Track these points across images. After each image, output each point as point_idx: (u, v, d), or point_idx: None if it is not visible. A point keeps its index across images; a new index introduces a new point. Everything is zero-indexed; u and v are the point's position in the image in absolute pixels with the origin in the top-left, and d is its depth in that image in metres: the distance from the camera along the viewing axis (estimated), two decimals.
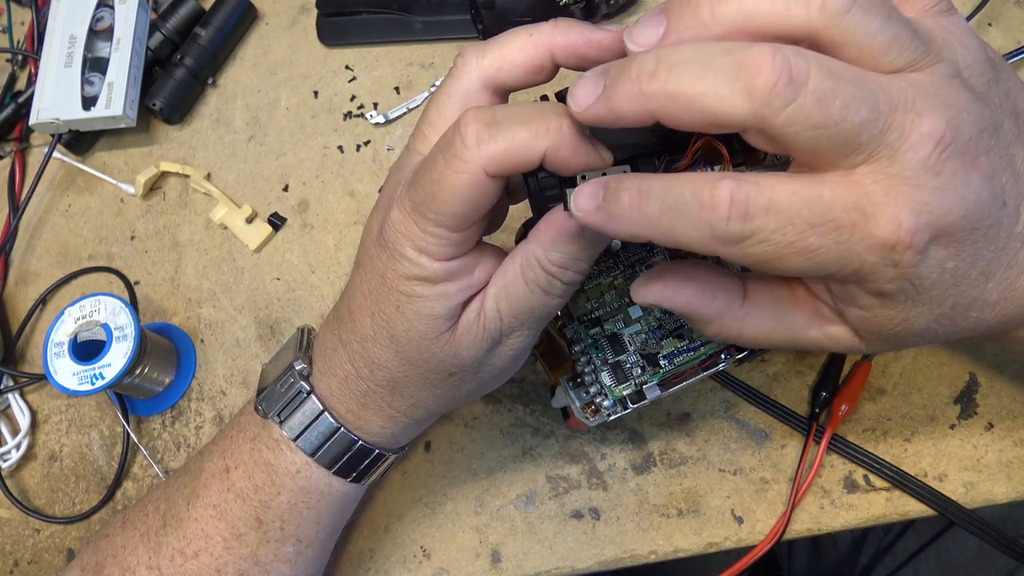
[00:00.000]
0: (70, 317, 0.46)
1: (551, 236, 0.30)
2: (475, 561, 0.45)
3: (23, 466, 0.50)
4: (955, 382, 0.45)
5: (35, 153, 0.57)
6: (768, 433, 0.45)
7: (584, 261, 0.30)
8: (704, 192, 0.24)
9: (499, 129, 0.27)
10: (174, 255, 0.53)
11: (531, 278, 0.31)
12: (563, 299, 0.32)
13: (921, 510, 0.43)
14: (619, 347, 0.38)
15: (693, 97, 0.23)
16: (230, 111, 0.56)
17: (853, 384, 0.44)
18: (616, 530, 0.44)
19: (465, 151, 0.27)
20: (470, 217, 0.29)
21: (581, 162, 0.28)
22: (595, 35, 0.29)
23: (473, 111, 0.28)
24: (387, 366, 0.34)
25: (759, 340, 0.30)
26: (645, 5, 0.54)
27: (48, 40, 0.54)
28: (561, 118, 0.27)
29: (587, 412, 0.39)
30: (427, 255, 0.30)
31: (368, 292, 0.33)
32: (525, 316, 0.32)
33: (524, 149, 0.27)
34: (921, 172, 0.24)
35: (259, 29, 0.58)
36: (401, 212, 0.30)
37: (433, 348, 0.32)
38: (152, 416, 0.50)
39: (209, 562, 0.37)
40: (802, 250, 0.24)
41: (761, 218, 0.24)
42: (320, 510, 0.38)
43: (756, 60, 0.23)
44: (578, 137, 0.28)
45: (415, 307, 0.31)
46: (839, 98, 0.23)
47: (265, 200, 0.54)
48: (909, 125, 0.23)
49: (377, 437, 0.37)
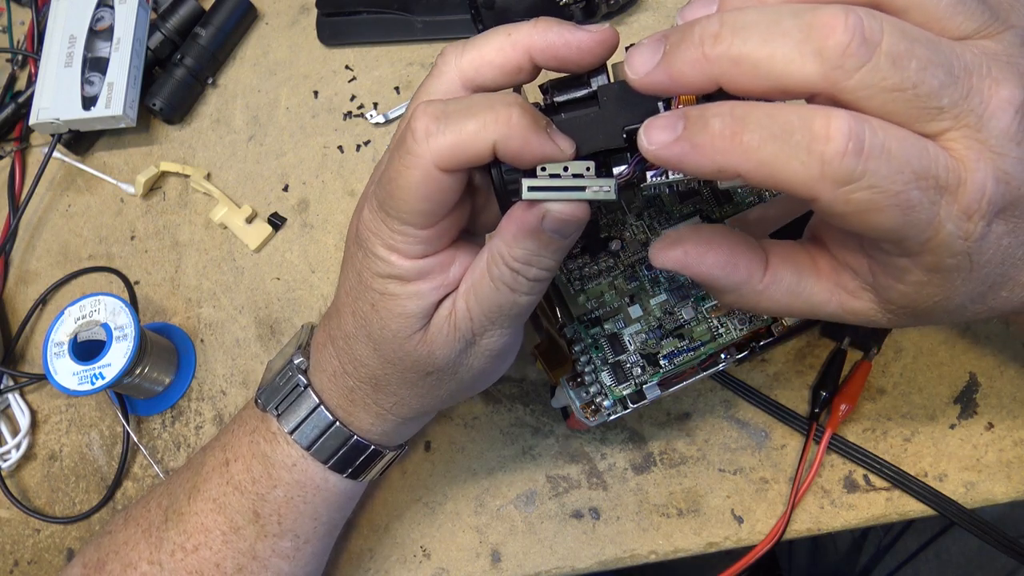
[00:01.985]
0: (70, 317, 0.46)
1: (512, 231, 0.29)
2: (475, 561, 0.45)
3: (23, 466, 0.50)
4: (955, 382, 0.45)
5: (35, 153, 0.57)
6: (768, 433, 0.45)
7: (547, 257, 0.29)
8: (817, 121, 0.22)
9: (447, 122, 0.27)
10: (174, 255, 0.53)
11: (496, 275, 0.30)
12: (532, 296, 0.31)
13: (921, 510, 0.43)
14: (619, 347, 0.38)
15: (760, 60, 0.22)
16: (230, 111, 0.56)
17: (853, 384, 0.44)
18: (616, 530, 0.44)
19: (415, 146, 0.27)
20: (434, 213, 0.28)
21: (535, 153, 0.27)
22: (575, 35, 0.28)
23: (424, 105, 0.27)
24: (368, 363, 0.34)
25: (775, 311, 0.29)
26: (646, 5, 0.54)
27: (48, 40, 0.54)
28: (511, 108, 0.26)
29: (587, 412, 0.39)
30: (397, 253, 0.30)
31: (349, 290, 0.33)
32: (495, 314, 0.31)
33: (472, 141, 0.26)
34: (1005, 140, 0.23)
35: (259, 29, 0.58)
36: (370, 210, 0.30)
37: (407, 347, 0.32)
38: (152, 416, 0.50)
39: (209, 556, 0.37)
40: (903, 203, 0.22)
41: (875, 159, 0.22)
42: (317, 505, 0.38)
43: (827, 20, 0.21)
44: (530, 128, 0.26)
45: (388, 305, 0.31)
46: (915, 59, 0.22)
47: (265, 200, 0.54)
48: (987, 91, 0.23)
49: (370, 434, 0.37)
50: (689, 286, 0.39)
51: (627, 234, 0.39)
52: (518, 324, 0.33)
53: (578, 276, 0.38)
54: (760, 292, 0.29)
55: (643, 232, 0.39)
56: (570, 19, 0.53)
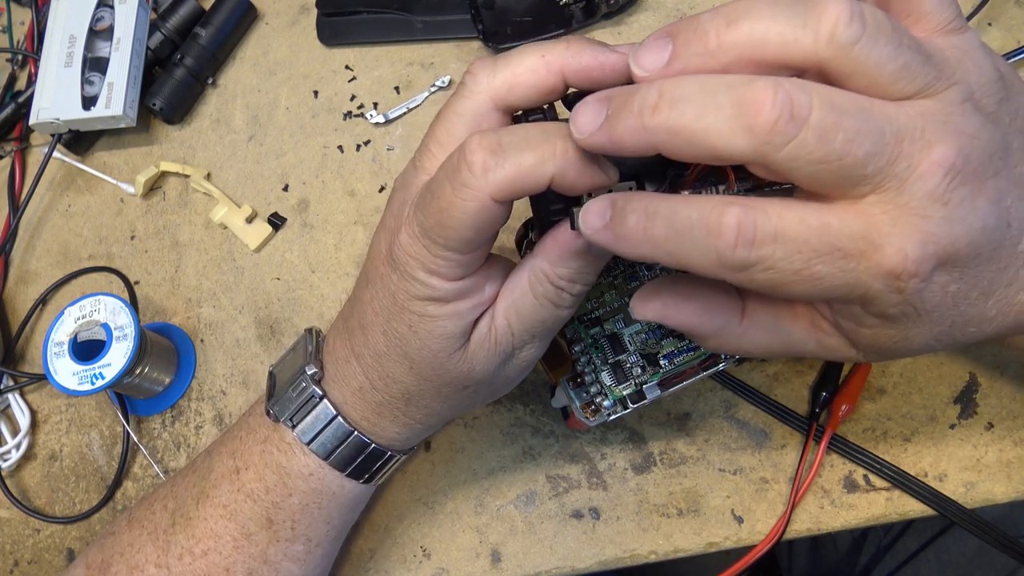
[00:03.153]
0: (70, 317, 0.46)
1: (558, 253, 0.30)
2: (475, 561, 0.45)
3: (23, 466, 0.50)
4: (955, 382, 0.45)
5: (35, 153, 0.57)
6: (768, 433, 0.45)
7: (591, 274, 0.31)
8: (711, 217, 0.24)
9: (505, 156, 0.27)
10: (174, 255, 0.53)
11: (540, 292, 0.31)
12: (572, 309, 0.32)
13: (921, 510, 0.43)
14: (619, 347, 0.38)
15: (694, 133, 0.23)
16: (230, 111, 0.56)
17: (853, 384, 0.44)
18: (616, 530, 0.44)
19: (472, 179, 0.27)
20: (479, 241, 0.29)
21: (587, 183, 0.28)
22: (608, 58, 0.28)
23: (479, 136, 0.27)
24: (402, 380, 0.34)
25: (756, 352, 0.31)
26: (645, 5, 0.54)
27: (48, 40, 0.54)
28: (567, 140, 0.27)
29: (587, 412, 0.39)
30: (438, 276, 0.30)
31: (379, 310, 0.33)
32: (537, 329, 0.32)
33: (531, 175, 0.27)
34: (929, 202, 0.23)
35: (259, 29, 0.58)
36: (410, 236, 0.30)
37: (447, 365, 0.33)
38: (152, 416, 0.50)
39: (218, 561, 0.37)
40: (808, 278, 0.24)
41: (768, 246, 0.23)
42: (331, 510, 0.38)
43: (757, 97, 0.22)
44: (584, 158, 0.27)
45: (427, 327, 0.32)
46: (841, 132, 0.22)
47: (265, 200, 0.54)
48: (918, 155, 0.23)
49: (391, 441, 0.37)
50: None
51: None
52: (553, 335, 0.34)
53: None
54: (740, 336, 0.30)
55: None
56: (570, 19, 0.53)
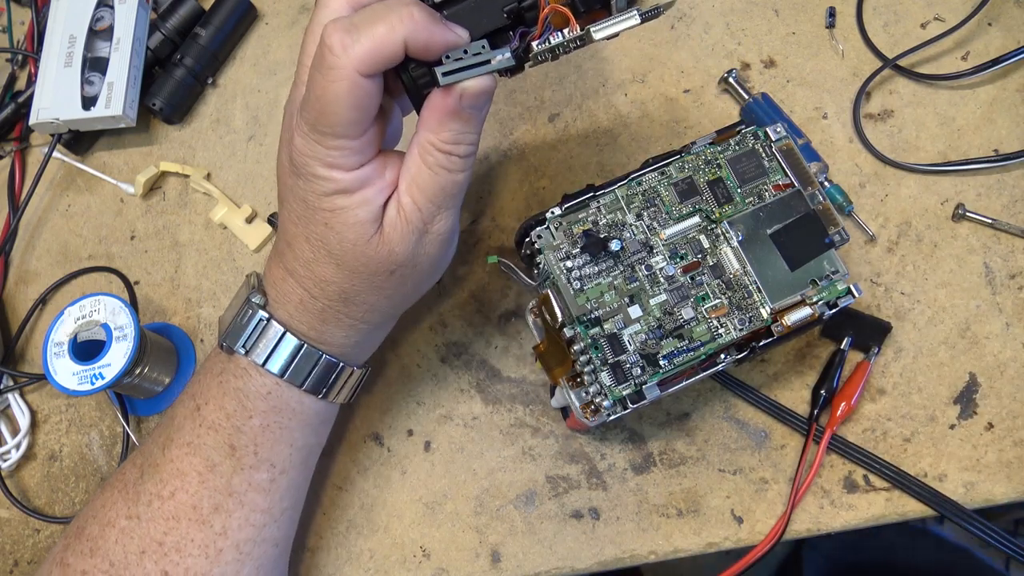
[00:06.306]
0: (70, 317, 0.46)
1: (437, 118, 0.33)
2: (475, 561, 0.45)
3: (23, 466, 0.50)
4: (955, 382, 0.45)
5: (35, 153, 0.57)
6: (768, 433, 0.45)
7: (471, 132, 0.33)
8: None
9: (360, 31, 0.30)
10: (174, 255, 0.53)
11: (432, 162, 0.34)
12: (466, 172, 0.35)
13: (921, 510, 0.43)
14: (619, 347, 0.38)
15: None
16: (230, 111, 0.56)
17: (853, 384, 0.44)
18: (616, 530, 0.44)
19: (335, 59, 0.30)
20: (363, 121, 0.32)
21: (439, 43, 0.31)
22: None
23: (332, 22, 0.30)
24: (334, 280, 0.36)
25: None
26: None
27: (48, 40, 0.54)
28: (410, 7, 0.30)
29: (587, 412, 0.39)
30: (337, 168, 0.33)
31: (297, 220, 0.35)
32: (439, 198, 0.35)
33: (386, 42, 0.30)
34: None
35: (259, 29, 0.58)
36: (302, 137, 0.33)
37: (368, 252, 0.34)
38: (152, 416, 0.50)
39: (185, 499, 0.37)
40: None
41: None
42: (293, 429, 0.39)
43: None
44: (432, 21, 0.30)
45: (341, 219, 0.34)
46: None
47: (265, 200, 0.54)
48: None
49: (341, 348, 0.39)
50: (689, 286, 0.39)
51: (627, 234, 0.39)
52: (458, 204, 0.36)
53: (578, 276, 0.38)
54: None
55: (642, 232, 0.39)
56: None
